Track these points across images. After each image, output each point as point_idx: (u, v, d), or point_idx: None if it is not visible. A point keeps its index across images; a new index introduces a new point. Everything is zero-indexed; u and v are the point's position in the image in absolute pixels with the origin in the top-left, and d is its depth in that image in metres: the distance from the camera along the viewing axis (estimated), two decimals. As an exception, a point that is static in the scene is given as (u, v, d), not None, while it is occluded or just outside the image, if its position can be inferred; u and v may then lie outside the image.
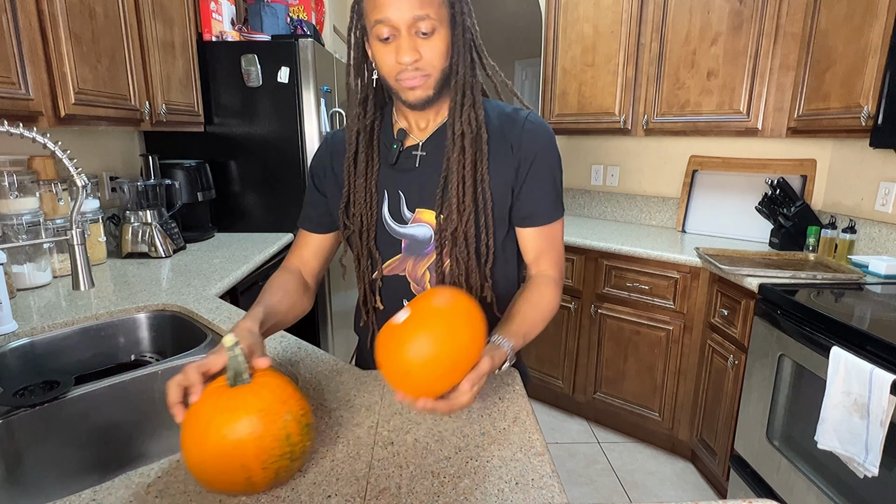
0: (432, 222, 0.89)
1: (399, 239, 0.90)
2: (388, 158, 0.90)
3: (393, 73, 0.81)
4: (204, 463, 0.56)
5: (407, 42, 0.77)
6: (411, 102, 0.83)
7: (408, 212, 0.89)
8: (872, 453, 1.20)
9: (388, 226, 0.90)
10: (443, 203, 0.86)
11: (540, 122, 0.91)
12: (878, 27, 1.61)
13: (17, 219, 1.40)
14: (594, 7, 2.46)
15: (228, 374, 0.61)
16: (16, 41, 1.21)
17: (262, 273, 1.91)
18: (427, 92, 0.82)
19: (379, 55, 0.81)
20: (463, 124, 0.84)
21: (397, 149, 0.89)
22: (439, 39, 0.80)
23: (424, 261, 0.91)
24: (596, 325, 2.34)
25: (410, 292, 0.93)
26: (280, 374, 0.64)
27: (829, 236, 1.96)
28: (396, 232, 0.90)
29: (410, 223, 0.90)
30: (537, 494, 0.60)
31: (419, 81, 0.80)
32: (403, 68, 0.79)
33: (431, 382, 0.65)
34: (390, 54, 0.79)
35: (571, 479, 2.10)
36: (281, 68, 2.18)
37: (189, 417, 0.58)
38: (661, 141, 2.68)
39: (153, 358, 1.31)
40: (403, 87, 0.82)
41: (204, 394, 0.60)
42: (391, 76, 0.81)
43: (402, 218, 0.90)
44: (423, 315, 0.67)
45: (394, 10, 0.76)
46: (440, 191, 0.86)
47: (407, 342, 0.64)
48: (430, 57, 0.80)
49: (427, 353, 0.63)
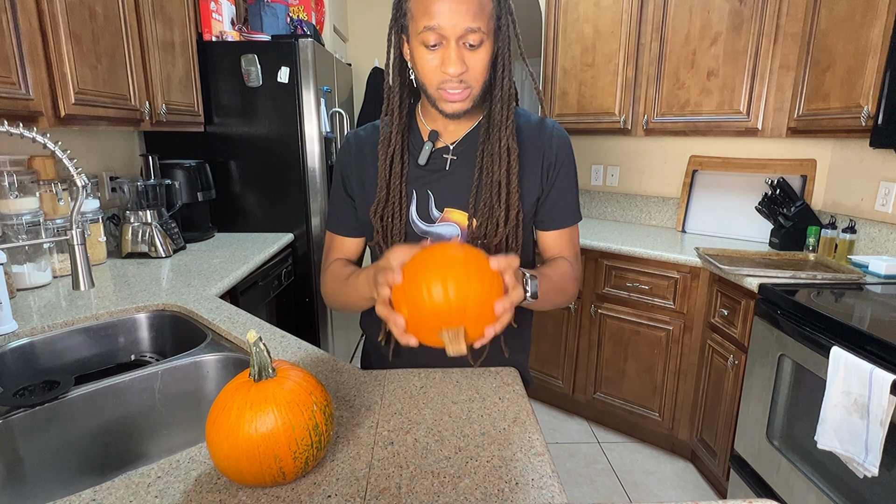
0: (460, 221, 0.90)
1: (423, 237, 0.91)
2: (418, 159, 0.90)
3: (435, 81, 0.80)
4: (237, 457, 0.57)
5: (455, 52, 0.77)
6: (448, 113, 0.83)
7: (436, 211, 0.90)
8: (872, 453, 1.20)
9: (414, 224, 0.91)
10: (476, 209, 0.87)
11: (562, 129, 0.95)
12: (878, 27, 1.61)
13: (17, 219, 1.40)
14: (594, 7, 2.45)
15: (252, 369, 0.61)
16: (16, 41, 1.21)
17: (261, 273, 1.91)
18: (466, 106, 0.82)
19: (422, 61, 0.80)
20: (508, 139, 0.85)
21: (430, 150, 0.89)
22: (485, 52, 0.80)
23: None
24: (596, 325, 2.34)
25: None
26: (300, 367, 0.65)
27: (829, 236, 1.96)
28: (422, 230, 0.91)
29: (438, 222, 0.90)
30: (537, 494, 0.60)
31: (462, 95, 0.80)
32: (448, 78, 0.79)
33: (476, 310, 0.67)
34: (435, 62, 0.79)
35: (571, 479, 2.10)
36: (281, 68, 2.19)
37: (216, 414, 0.59)
38: (661, 141, 2.68)
39: (153, 358, 1.31)
40: (444, 99, 0.81)
41: (230, 389, 0.60)
42: (433, 84, 0.81)
43: (430, 217, 0.90)
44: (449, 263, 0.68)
45: (446, 20, 0.75)
46: (473, 198, 0.88)
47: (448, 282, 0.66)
48: (475, 70, 0.79)
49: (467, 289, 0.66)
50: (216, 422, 0.58)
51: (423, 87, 0.84)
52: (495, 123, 0.86)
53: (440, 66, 0.78)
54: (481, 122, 0.91)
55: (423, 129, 0.92)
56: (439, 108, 0.84)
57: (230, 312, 1.25)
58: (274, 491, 0.60)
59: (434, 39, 0.77)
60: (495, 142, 0.85)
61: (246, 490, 0.60)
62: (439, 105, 0.83)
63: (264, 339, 0.96)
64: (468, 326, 0.67)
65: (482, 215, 0.87)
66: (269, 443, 0.56)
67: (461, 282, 0.66)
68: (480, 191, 0.87)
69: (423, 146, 0.90)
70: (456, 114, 0.83)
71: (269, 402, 0.58)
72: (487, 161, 0.87)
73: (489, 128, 0.87)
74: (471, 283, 0.66)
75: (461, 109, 0.83)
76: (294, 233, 2.36)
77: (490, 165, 0.86)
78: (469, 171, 0.89)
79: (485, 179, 0.87)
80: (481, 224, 0.87)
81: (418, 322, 0.68)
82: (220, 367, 1.07)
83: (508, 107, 0.85)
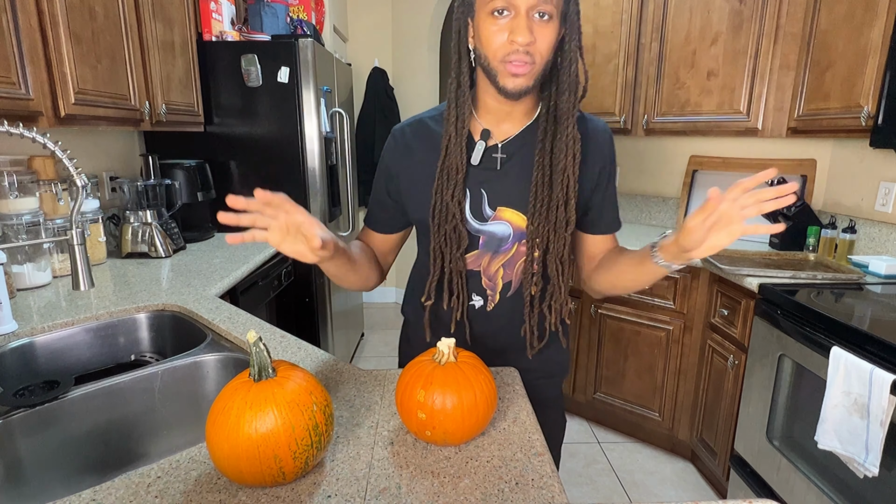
0: (512, 220, 0.90)
1: (477, 236, 0.91)
2: (471, 158, 0.89)
3: (500, 52, 0.78)
4: (236, 458, 0.57)
5: (524, 22, 0.76)
6: (509, 90, 0.81)
7: (489, 210, 0.90)
8: (872, 453, 1.20)
9: (467, 223, 0.91)
10: (535, 207, 0.87)
11: (610, 129, 0.95)
12: (878, 27, 1.61)
13: (17, 219, 1.40)
14: (594, 7, 2.45)
15: (252, 369, 0.61)
16: (16, 41, 1.21)
17: (261, 273, 1.91)
18: (528, 82, 0.80)
19: (487, 32, 0.79)
20: (573, 128, 0.84)
21: (482, 149, 0.88)
22: (553, 29, 0.79)
23: (500, 257, 0.92)
24: (596, 325, 2.34)
25: (481, 286, 0.94)
26: (300, 367, 0.65)
27: (829, 236, 1.95)
28: (475, 229, 0.91)
29: (490, 220, 0.90)
30: (537, 494, 0.60)
31: (526, 69, 0.78)
32: (515, 48, 0.77)
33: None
34: (503, 32, 0.77)
35: (571, 479, 2.10)
36: (281, 68, 2.18)
37: (216, 414, 0.59)
38: (661, 141, 2.68)
39: (153, 358, 1.31)
40: (507, 72, 0.79)
41: (230, 389, 0.60)
42: (497, 56, 0.79)
43: (483, 216, 0.90)
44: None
45: None
46: (532, 195, 0.87)
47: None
48: (542, 43, 0.78)
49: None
50: (216, 422, 0.58)
51: (486, 62, 0.81)
52: (562, 112, 0.84)
53: (508, 35, 0.77)
54: (536, 120, 0.89)
55: (476, 127, 0.90)
56: (500, 86, 0.81)
57: (230, 312, 1.25)
58: (274, 491, 0.60)
59: (503, 3, 0.76)
60: (563, 130, 0.84)
61: (246, 490, 0.60)
62: (501, 81, 0.81)
63: (264, 339, 0.96)
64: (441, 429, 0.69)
65: (539, 215, 0.87)
66: (268, 443, 0.57)
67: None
68: (539, 189, 0.86)
69: (475, 145, 0.88)
70: (517, 90, 0.81)
71: (269, 402, 0.58)
72: (548, 152, 0.85)
73: (554, 117, 0.86)
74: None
75: (523, 86, 0.80)
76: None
77: (556, 156, 0.85)
78: (520, 171, 0.88)
79: (545, 174, 0.86)
80: (538, 224, 0.87)
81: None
82: (220, 367, 1.07)
83: (575, 94, 0.84)
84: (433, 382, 0.67)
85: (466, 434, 0.68)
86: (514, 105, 0.86)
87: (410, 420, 0.69)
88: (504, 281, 0.93)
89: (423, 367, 0.70)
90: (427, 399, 0.66)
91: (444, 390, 0.67)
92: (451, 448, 0.69)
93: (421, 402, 0.67)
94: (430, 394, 0.66)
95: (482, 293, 0.94)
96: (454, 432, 0.67)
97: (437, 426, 0.66)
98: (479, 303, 0.95)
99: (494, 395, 0.71)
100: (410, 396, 0.68)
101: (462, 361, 0.71)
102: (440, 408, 0.66)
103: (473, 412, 0.67)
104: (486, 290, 0.94)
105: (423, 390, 0.67)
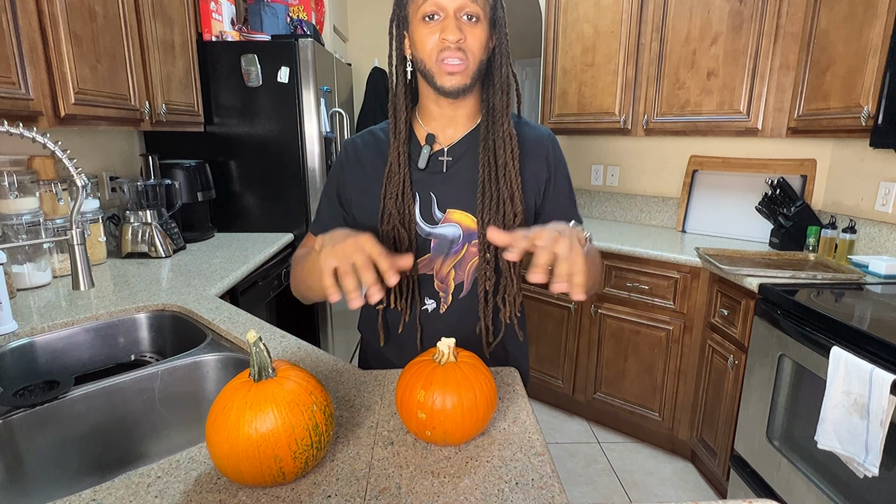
0: (462, 222, 0.91)
1: (428, 239, 0.92)
2: (418, 163, 0.92)
3: (434, 52, 0.83)
4: (236, 458, 0.57)
5: (453, 22, 0.81)
6: (447, 89, 0.85)
7: (439, 212, 0.92)
8: (872, 453, 1.20)
9: (417, 226, 0.92)
10: (483, 206, 0.89)
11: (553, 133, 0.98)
12: (878, 27, 1.61)
13: (17, 219, 1.40)
14: (594, 7, 2.45)
15: (252, 369, 0.61)
16: (16, 41, 1.21)
17: (261, 273, 1.91)
18: (465, 80, 0.84)
19: (420, 36, 0.83)
20: (509, 125, 0.88)
21: (428, 153, 0.91)
22: (482, 29, 0.83)
23: (451, 259, 0.93)
24: (596, 325, 2.34)
25: (433, 290, 0.95)
26: (300, 367, 0.66)
27: (829, 236, 1.95)
28: (426, 232, 0.92)
29: (441, 223, 0.92)
30: (537, 494, 0.60)
31: (460, 66, 0.82)
32: (446, 46, 0.81)
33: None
34: (434, 34, 0.82)
35: (571, 479, 2.10)
36: (281, 68, 2.19)
37: (216, 414, 0.59)
38: (661, 141, 2.68)
39: (153, 358, 1.31)
40: (443, 71, 0.83)
41: (230, 389, 0.60)
42: (432, 57, 0.83)
43: (434, 218, 0.92)
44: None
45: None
46: (480, 194, 0.89)
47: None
48: (473, 41, 0.82)
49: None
50: (216, 422, 0.58)
51: (423, 66, 0.86)
52: (497, 111, 0.88)
53: (440, 34, 0.81)
54: (477, 126, 0.93)
55: (420, 133, 0.93)
56: (438, 86, 0.85)
57: (230, 312, 1.25)
58: (274, 491, 0.60)
59: (432, 8, 0.81)
60: (498, 128, 0.88)
61: (246, 490, 0.60)
62: (438, 80, 0.85)
63: (264, 339, 0.96)
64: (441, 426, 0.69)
65: (489, 210, 0.88)
66: (268, 443, 0.56)
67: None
68: (486, 187, 0.89)
69: (421, 150, 0.91)
70: (455, 88, 0.84)
71: (268, 402, 0.58)
72: (490, 150, 0.89)
73: (491, 120, 0.90)
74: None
75: (460, 83, 0.84)
76: (294, 233, 2.36)
77: (497, 153, 0.88)
78: (466, 173, 0.91)
79: (490, 171, 0.88)
80: (489, 220, 0.89)
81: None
82: (219, 367, 1.07)
83: (507, 95, 0.88)
84: (433, 382, 0.67)
85: (466, 434, 0.68)
86: (456, 109, 0.90)
87: (410, 420, 0.69)
88: (456, 282, 0.95)
89: (422, 367, 0.70)
90: (427, 399, 0.66)
91: (444, 390, 0.67)
92: (451, 448, 0.69)
93: (421, 402, 0.67)
94: (430, 394, 0.66)
95: (435, 296, 0.95)
96: (454, 432, 0.67)
97: (437, 426, 0.66)
98: (431, 306, 0.96)
99: (494, 395, 0.71)
100: (410, 396, 0.68)
101: (462, 361, 0.71)
102: (440, 408, 0.66)
103: (473, 412, 0.67)
104: (439, 293, 0.95)
105: (423, 390, 0.67)
